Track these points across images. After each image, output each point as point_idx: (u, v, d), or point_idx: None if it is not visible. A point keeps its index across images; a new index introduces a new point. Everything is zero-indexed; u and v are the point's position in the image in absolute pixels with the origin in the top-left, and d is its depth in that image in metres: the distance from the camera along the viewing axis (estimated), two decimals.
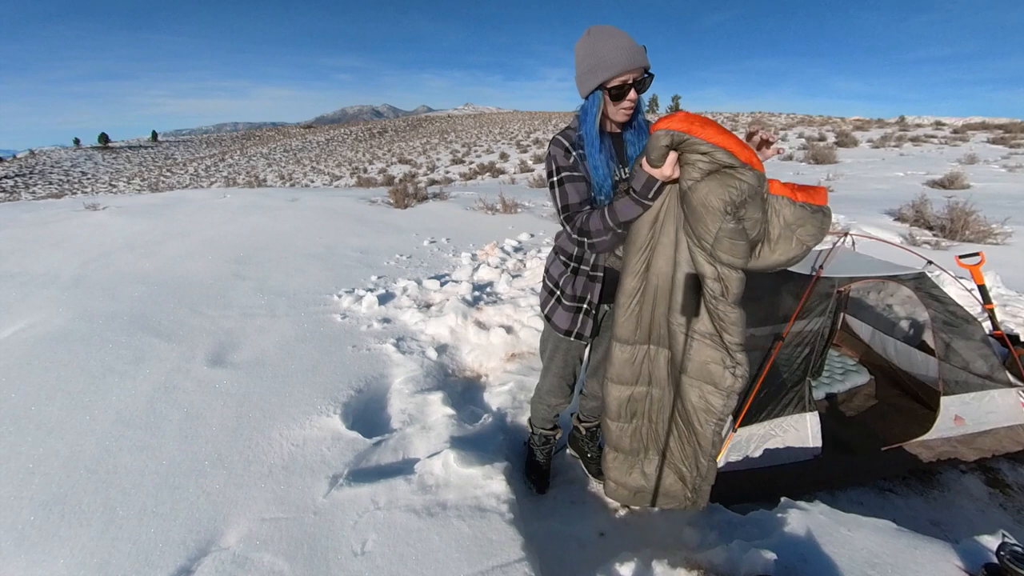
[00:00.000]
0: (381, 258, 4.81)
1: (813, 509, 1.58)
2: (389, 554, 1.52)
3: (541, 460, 2.10)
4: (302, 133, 76.46)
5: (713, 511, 1.85)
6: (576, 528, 1.87)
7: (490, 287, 3.92)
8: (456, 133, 54.70)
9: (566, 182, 1.46)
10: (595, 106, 1.42)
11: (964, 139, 21.11)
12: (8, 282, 3.87)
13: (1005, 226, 5.87)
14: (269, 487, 1.84)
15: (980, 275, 2.78)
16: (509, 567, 1.47)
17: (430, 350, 2.92)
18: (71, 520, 1.68)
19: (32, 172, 49.13)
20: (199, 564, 1.54)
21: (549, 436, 2.06)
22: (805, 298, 2.19)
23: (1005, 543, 1.17)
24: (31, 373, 2.50)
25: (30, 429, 2.11)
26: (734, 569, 1.43)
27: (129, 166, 55.39)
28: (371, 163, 34.83)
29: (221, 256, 4.61)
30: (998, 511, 2.13)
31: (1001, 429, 2.33)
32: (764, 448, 2.05)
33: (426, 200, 7.98)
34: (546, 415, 1.99)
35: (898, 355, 2.92)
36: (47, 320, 3.11)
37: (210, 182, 35.60)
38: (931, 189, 9.55)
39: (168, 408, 2.27)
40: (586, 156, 1.46)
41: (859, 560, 1.34)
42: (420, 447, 2.08)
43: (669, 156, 1.29)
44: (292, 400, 2.35)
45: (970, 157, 14.54)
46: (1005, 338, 2.54)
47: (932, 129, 27.09)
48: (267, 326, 3.13)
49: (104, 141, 74.79)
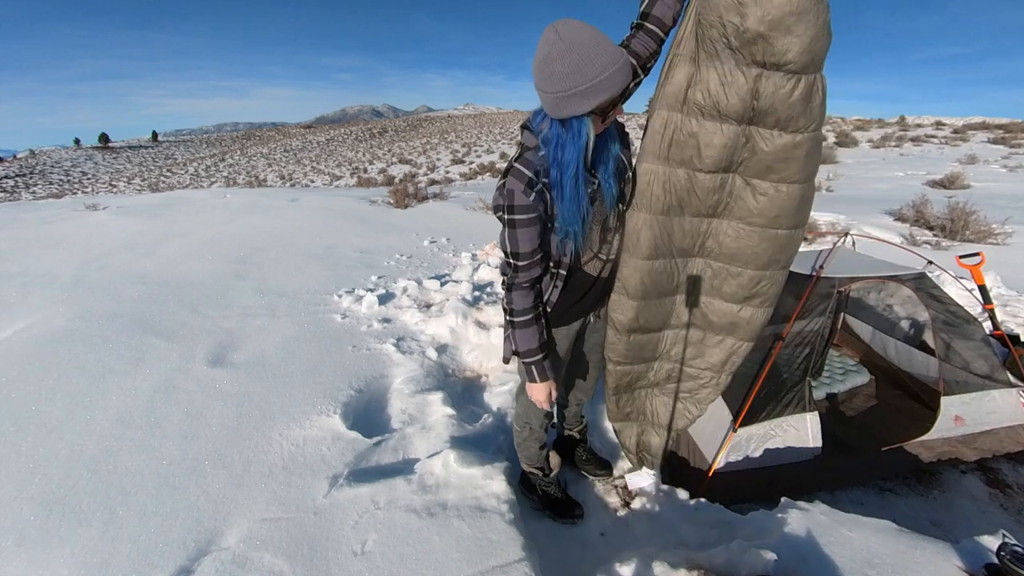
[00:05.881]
0: (381, 258, 4.81)
1: (813, 509, 1.58)
2: (389, 554, 1.52)
3: (555, 493, 1.94)
4: (302, 133, 76.48)
5: (713, 511, 1.85)
6: (576, 528, 1.87)
7: (490, 287, 3.92)
8: (456, 133, 54.72)
9: (519, 226, 1.26)
10: (583, 135, 1.18)
11: (964, 139, 21.12)
12: (8, 282, 3.87)
13: (1005, 226, 5.87)
14: (269, 487, 1.84)
15: (980, 275, 2.78)
16: (509, 567, 1.47)
17: (430, 350, 2.92)
18: (71, 520, 1.68)
19: (32, 172, 49.15)
20: (199, 564, 1.54)
21: (548, 469, 1.94)
22: (805, 298, 2.19)
23: (1005, 543, 1.17)
24: (31, 373, 2.50)
25: (30, 429, 2.11)
26: (734, 569, 1.43)
27: (129, 166, 55.41)
28: (371, 163, 34.85)
29: (221, 256, 4.61)
30: (998, 511, 2.13)
31: (1001, 429, 2.33)
32: (764, 448, 2.05)
33: (426, 200, 7.98)
34: (536, 449, 1.87)
35: (898, 355, 2.92)
36: (47, 320, 3.11)
37: (210, 182, 35.61)
38: (931, 189, 9.56)
39: (168, 408, 2.27)
40: (563, 195, 1.23)
41: (859, 560, 1.33)
42: (420, 447, 2.08)
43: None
44: (292, 400, 2.35)
45: (970, 157, 14.56)
46: (1005, 338, 2.54)
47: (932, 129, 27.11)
48: (267, 326, 3.13)
49: (104, 141, 74.83)
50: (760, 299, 1.67)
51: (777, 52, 1.26)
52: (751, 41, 1.26)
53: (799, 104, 1.34)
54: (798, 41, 1.24)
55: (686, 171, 1.48)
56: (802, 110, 1.35)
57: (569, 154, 1.20)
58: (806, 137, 1.39)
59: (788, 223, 1.53)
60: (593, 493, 2.06)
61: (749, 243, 1.56)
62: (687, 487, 2.01)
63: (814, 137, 1.41)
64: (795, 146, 1.39)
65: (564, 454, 2.15)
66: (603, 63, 1.09)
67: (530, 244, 1.30)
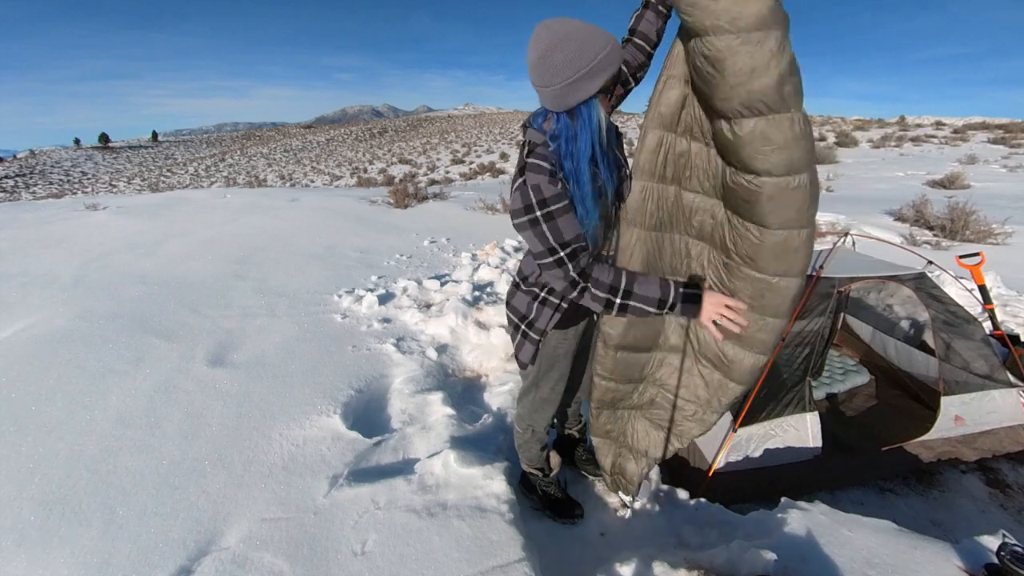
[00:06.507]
0: (381, 258, 4.81)
1: (813, 509, 1.58)
2: (389, 554, 1.52)
3: (555, 493, 1.93)
4: (302, 133, 76.52)
5: (713, 511, 1.85)
6: (576, 528, 1.87)
7: (490, 287, 3.92)
8: (456, 133, 54.73)
9: (558, 215, 1.21)
10: (594, 118, 1.21)
11: (964, 139, 21.13)
12: (8, 282, 3.87)
13: (1005, 226, 5.88)
14: (269, 487, 1.84)
15: (980, 275, 2.78)
16: (509, 567, 1.47)
17: (430, 350, 2.92)
18: (71, 520, 1.68)
19: (32, 172, 49.16)
20: (199, 564, 1.54)
21: (548, 469, 1.94)
22: (805, 298, 2.19)
23: (1005, 543, 1.17)
24: (31, 373, 2.50)
25: (30, 429, 2.11)
26: (734, 569, 1.43)
27: (129, 166, 55.43)
28: (371, 163, 34.86)
29: (221, 256, 4.61)
30: (998, 511, 2.13)
31: (1001, 429, 2.33)
32: (764, 448, 2.05)
33: (426, 200, 7.98)
34: (537, 450, 1.86)
35: (898, 355, 2.92)
36: (47, 320, 3.11)
37: (210, 182, 35.62)
38: (931, 189, 9.57)
39: (168, 408, 2.27)
40: (580, 185, 1.23)
41: (859, 560, 1.34)
42: (420, 447, 2.08)
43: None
44: (292, 400, 2.35)
45: (970, 157, 14.57)
46: (1005, 338, 2.54)
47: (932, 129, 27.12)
48: (267, 326, 3.13)
49: (104, 141, 74.84)
50: (748, 342, 1.46)
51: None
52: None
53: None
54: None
55: (676, 188, 1.47)
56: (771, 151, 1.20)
57: (582, 142, 1.21)
58: (768, 181, 1.23)
59: (767, 268, 1.33)
60: (593, 493, 2.06)
61: (730, 278, 1.43)
62: (687, 487, 2.01)
63: (776, 184, 1.23)
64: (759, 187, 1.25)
65: (564, 454, 2.15)
66: (599, 44, 1.14)
67: (574, 230, 1.23)
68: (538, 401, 1.71)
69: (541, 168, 1.21)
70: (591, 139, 1.22)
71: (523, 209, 1.22)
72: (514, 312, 1.58)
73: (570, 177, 1.23)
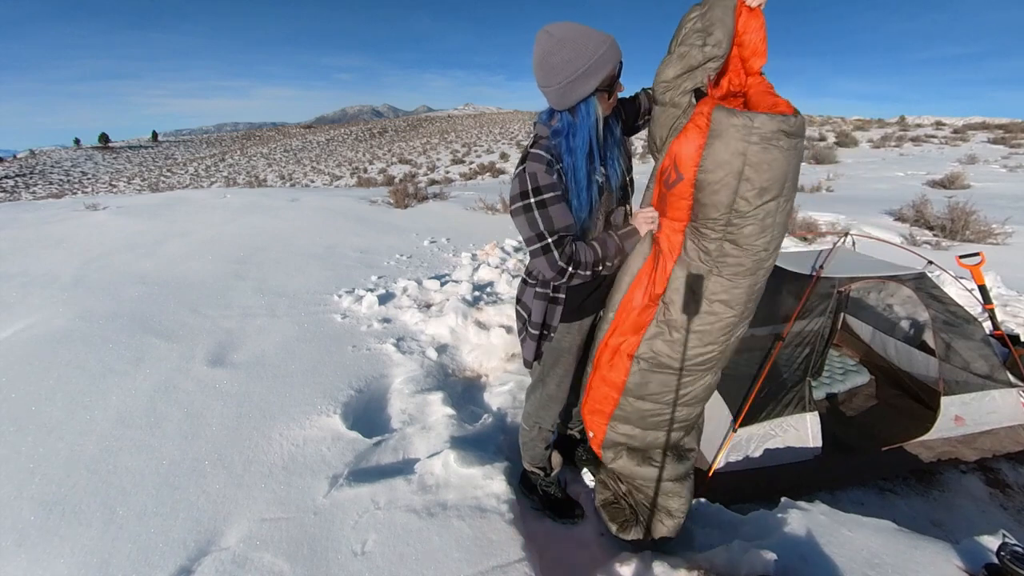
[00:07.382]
0: (381, 258, 4.81)
1: (813, 509, 1.58)
2: (389, 554, 1.52)
3: (556, 493, 1.94)
4: (302, 133, 76.49)
5: (713, 511, 1.85)
6: (576, 528, 1.87)
7: (490, 287, 3.92)
8: (456, 133, 54.72)
9: (550, 203, 1.29)
10: (592, 115, 1.30)
11: (964, 139, 21.13)
12: (8, 282, 3.87)
13: (1005, 226, 5.87)
14: (269, 487, 1.84)
15: (980, 275, 2.78)
16: (509, 567, 1.47)
17: (430, 350, 2.92)
18: (71, 520, 1.68)
19: (32, 172, 49.15)
20: (199, 564, 1.54)
21: (550, 469, 1.94)
22: (805, 298, 2.19)
23: (1005, 543, 1.17)
24: (31, 373, 2.50)
25: (30, 429, 2.11)
26: (734, 569, 1.43)
27: (129, 166, 55.41)
28: (371, 163, 34.84)
29: (221, 256, 4.61)
30: (998, 511, 2.12)
31: (1001, 429, 2.33)
32: (764, 448, 2.05)
33: (426, 200, 7.98)
34: (542, 448, 1.86)
35: (898, 355, 2.92)
36: (47, 320, 3.11)
37: (210, 182, 35.61)
38: (931, 189, 9.56)
39: (168, 408, 2.27)
40: (576, 179, 1.31)
41: (859, 560, 1.34)
42: (420, 447, 2.08)
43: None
44: (292, 400, 2.35)
45: (970, 157, 14.56)
46: (1005, 338, 2.54)
47: (932, 129, 27.11)
48: (267, 326, 3.13)
49: (104, 141, 74.81)
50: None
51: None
52: None
53: None
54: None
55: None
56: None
57: (580, 138, 1.30)
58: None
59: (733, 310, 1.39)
60: (593, 493, 2.06)
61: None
62: None
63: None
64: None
65: (564, 453, 2.15)
66: (595, 44, 1.23)
67: (564, 219, 1.32)
68: (544, 398, 1.73)
69: (540, 158, 1.29)
70: (588, 134, 1.30)
71: (519, 195, 1.31)
72: (524, 308, 1.62)
73: (568, 170, 1.31)
